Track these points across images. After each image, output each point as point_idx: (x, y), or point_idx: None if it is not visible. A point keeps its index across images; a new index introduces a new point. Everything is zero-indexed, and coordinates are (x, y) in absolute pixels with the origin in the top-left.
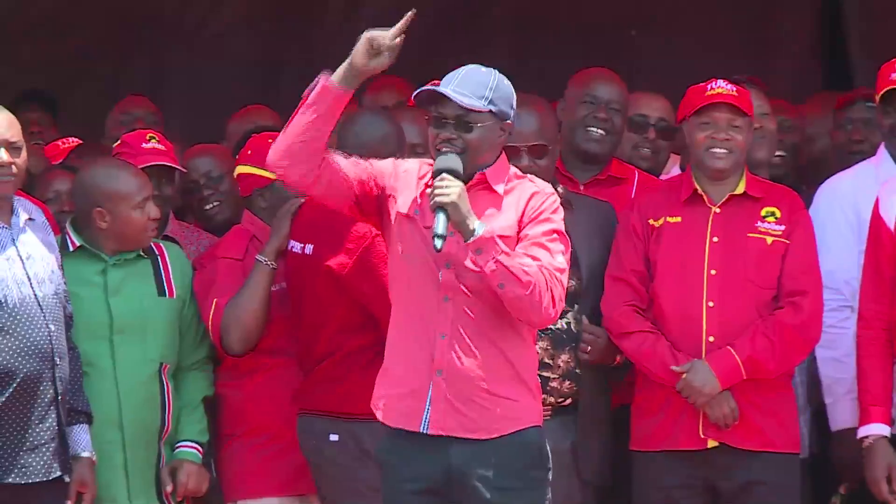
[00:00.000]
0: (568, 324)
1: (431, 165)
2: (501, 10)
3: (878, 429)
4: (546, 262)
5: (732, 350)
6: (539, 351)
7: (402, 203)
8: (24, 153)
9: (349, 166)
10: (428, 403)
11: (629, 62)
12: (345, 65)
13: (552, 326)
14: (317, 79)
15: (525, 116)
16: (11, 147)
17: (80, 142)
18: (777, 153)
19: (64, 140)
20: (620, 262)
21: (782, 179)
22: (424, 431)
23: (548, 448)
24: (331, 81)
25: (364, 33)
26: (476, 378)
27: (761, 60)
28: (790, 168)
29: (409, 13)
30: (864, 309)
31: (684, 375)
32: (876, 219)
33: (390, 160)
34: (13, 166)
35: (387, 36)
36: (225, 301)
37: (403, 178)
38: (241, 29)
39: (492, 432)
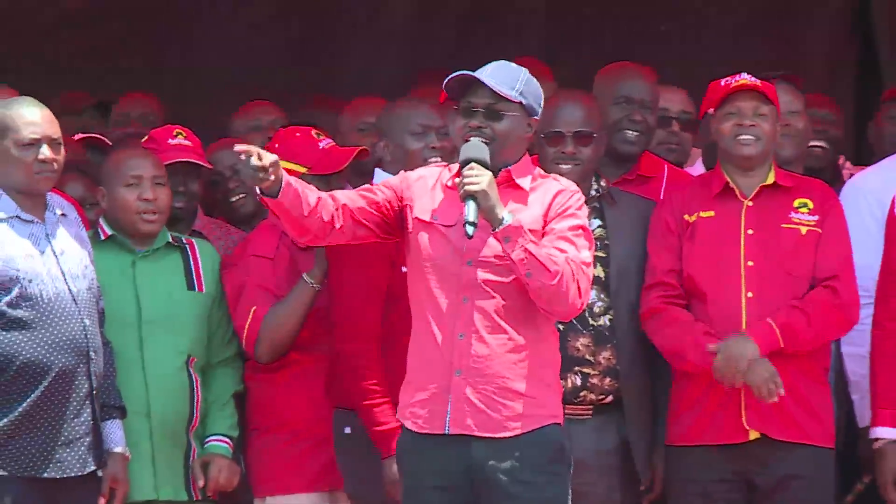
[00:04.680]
0: (611, 320)
1: (447, 168)
2: (530, 4)
3: (887, 433)
4: (572, 255)
5: (769, 320)
6: (580, 347)
7: (419, 210)
8: (63, 150)
9: (362, 199)
10: (449, 404)
11: (659, 55)
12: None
13: (594, 323)
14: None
15: (572, 104)
16: (53, 143)
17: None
18: (818, 144)
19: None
20: (653, 269)
21: (820, 173)
22: (447, 433)
23: (569, 445)
24: (261, 195)
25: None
26: (495, 376)
27: (792, 53)
28: (828, 162)
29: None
30: (877, 310)
31: (722, 347)
32: (892, 220)
33: (400, 174)
34: (55, 163)
35: (257, 163)
36: (264, 311)
37: (417, 186)
38: (270, 24)
39: (512, 430)
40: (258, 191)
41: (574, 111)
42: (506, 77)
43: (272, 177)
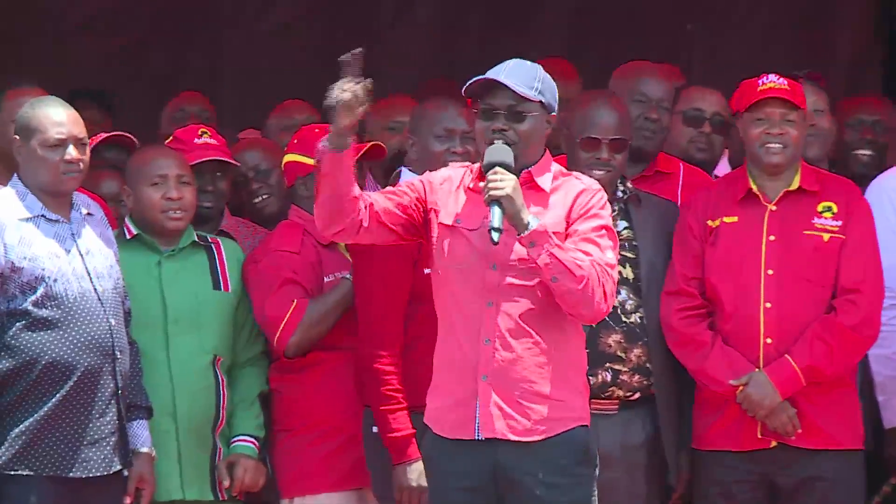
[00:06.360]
0: (642, 318)
1: (469, 170)
2: (556, 6)
3: None
4: (597, 257)
5: (790, 359)
6: (612, 344)
7: (444, 215)
8: (88, 150)
9: (388, 201)
10: (477, 409)
11: (685, 57)
12: (331, 129)
13: (626, 320)
14: (320, 145)
15: (608, 110)
16: (79, 143)
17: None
18: (865, 153)
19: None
20: (674, 276)
21: (865, 179)
22: (478, 438)
23: (595, 447)
24: (325, 148)
25: (330, 101)
26: (521, 380)
27: (819, 54)
28: (876, 169)
29: (357, 51)
30: None
31: (743, 389)
32: None
33: (424, 176)
34: (80, 163)
35: (354, 90)
36: (305, 303)
37: (441, 189)
38: (297, 24)
39: (540, 433)
40: (326, 144)
41: (611, 117)
42: (524, 76)
43: (358, 113)
